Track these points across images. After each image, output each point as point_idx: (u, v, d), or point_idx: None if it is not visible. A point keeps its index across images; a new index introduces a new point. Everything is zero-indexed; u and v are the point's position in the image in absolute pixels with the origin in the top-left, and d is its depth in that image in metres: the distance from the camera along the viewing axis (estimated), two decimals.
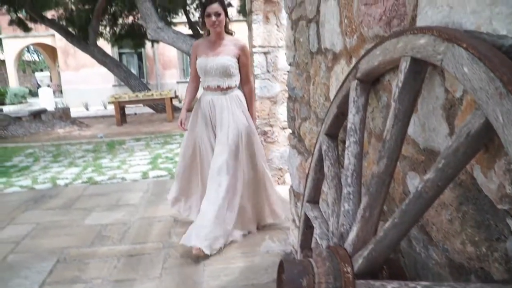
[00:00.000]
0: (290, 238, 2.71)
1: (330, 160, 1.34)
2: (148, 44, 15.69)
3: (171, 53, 18.51)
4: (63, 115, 12.01)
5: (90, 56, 12.93)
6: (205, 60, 2.95)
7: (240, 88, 3.10)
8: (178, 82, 19.02)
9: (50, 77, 20.38)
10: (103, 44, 14.06)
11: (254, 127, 3.07)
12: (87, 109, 17.38)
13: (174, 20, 14.42)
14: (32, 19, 13.07)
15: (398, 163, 0.95)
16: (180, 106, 11.13)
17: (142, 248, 2.91)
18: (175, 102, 12.97)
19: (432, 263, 0.97)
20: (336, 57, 1.53)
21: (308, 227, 1.55)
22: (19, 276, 2.60)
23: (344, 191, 1.11)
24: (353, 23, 1.32)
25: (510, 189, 0.70)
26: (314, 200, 1.56)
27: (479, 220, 0.79)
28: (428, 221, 0.96)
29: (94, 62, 13.77)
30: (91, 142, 8.66)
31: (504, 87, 0.61)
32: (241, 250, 2.81)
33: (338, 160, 1.35)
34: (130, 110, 13.72)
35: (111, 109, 13.84)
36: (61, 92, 20.92)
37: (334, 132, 1.40)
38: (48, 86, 16.81)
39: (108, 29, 14.12)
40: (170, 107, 11.72)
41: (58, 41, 18.16)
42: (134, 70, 18.55)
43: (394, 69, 1.05)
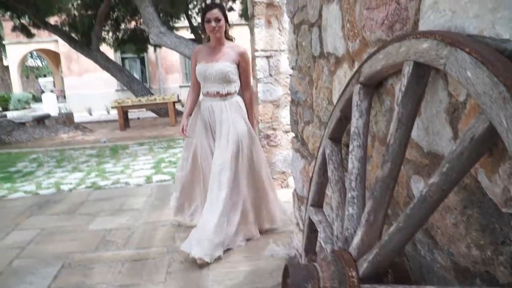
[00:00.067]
0: (294, 241, 2.71)
1: (333, 164, 1.34)
2: (150, 49, 15.76)
3: (174, 57, 18.58)
4: (66, 120, 12.07)
5: (93, 61, 12.99)
6: (204, 66, 2.95)
7: (240, 94, 3.10)
8: (180, 86, 19.08)
9: (54, 82, 20.49)
10: (106, 49, 14.14)
11: (254, 132, 3.07)
12: (91, 114, 17.45)
13: (176, 25, 14.52)
14: (35, 25, 13.16)
15: (402, 166, 0.95)
16: (183, 110, 11.15)
17: (147, 253, 2.92)
18: (178, 106, 13.03)
19: (437, 266, 0.97)
20: (338, 61, 1.53)
21: (312, 231, 1.55)
22: (24, 282, 2.61)
23: (348, 195, 1.11)
24: (355, 27, 1.32)
25: None
26: (318, 204, 1.56)
27: (484, 223, 0.79)
28: (433, 224, 0.96)
29: (97, 67, 13.84)
30: (94, 147, 8.68)
31: (507, 91, 0.61)
32: (245, 254, 2.81)
33: (342, 164, 1.35)
34: (133, 114, 13.77)
35: (114, 114, 13.89)
36: (64, 97, 21.01)
37: (338, 136, 1.41)
38: (51, 91, 16.91)
39: (110, 34, 14.19)
40: (173, 111, 11.76)
41: (61, 46, 18.26)
42: (137, 75, 18.64)
43: (397, 73, 1.06)
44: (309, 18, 1.87)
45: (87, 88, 19.13)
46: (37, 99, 23.46)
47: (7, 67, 23.25)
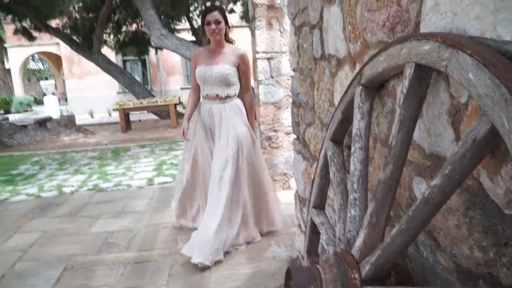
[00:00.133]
0: (296, 243, 2.70)
1: (335, 166, 1.34)
2: (151, 51, 15.78)
3: (175, 59, 18.60)
4: (68, 122, 12.09)
5: (95, 64, 13.01)
6: (204, 69, 2.95)
7: (240, 96, 3.10)
8: (182, 88, 19.09)
9: (55, 85, 20.56)
10: (107, 51, 14.15)
11: (254, 135, 3.06)
12: (92, 116, 17.47)
13: (177, 27, 14.53)
14: (37, 28, 13.19)
15: (404, 168, 0.95)
16: (184, 112, 11.15)
17: (149, 255, 2.92)
18: (179, 108, 13.02)
19: (440, 268, 0.97)
20: (340, 63, 1.53)
21: (314, 233, 1.55)
22: (27, 285, 2.61)
23: (351, 197, 1.11)
24: (356, 29, 1.32)
25: None
26: (320, 205, 1.56)
27: (487, 225, 0.79)
28: (435, 226, 0.96)
29: (98, 69, 13.86)
30: (96, 149, 8.70)
31: (509, 93, 0.61)
32: (247, 256, 2.81)
33: (344, 166, 1.35)
34: (134, 117, 13.79)
35: (115, 116, 13.93)
36: (66, 100, 21.05)
37: (339, 138, 1.41)
38: (53, 94, 16.94)
39: (112, 36, 14.22)
40: (174, 113, 11.77)
41: (63, 49, 18.29)
42: (138, 77, 18.66)
43: (398, 75, 1.06)
44: (310, 20, 1.88)
45: (89, 90, 19.16)
46: (38, 102, 23.52)
47: (8, 70, 23.31)
